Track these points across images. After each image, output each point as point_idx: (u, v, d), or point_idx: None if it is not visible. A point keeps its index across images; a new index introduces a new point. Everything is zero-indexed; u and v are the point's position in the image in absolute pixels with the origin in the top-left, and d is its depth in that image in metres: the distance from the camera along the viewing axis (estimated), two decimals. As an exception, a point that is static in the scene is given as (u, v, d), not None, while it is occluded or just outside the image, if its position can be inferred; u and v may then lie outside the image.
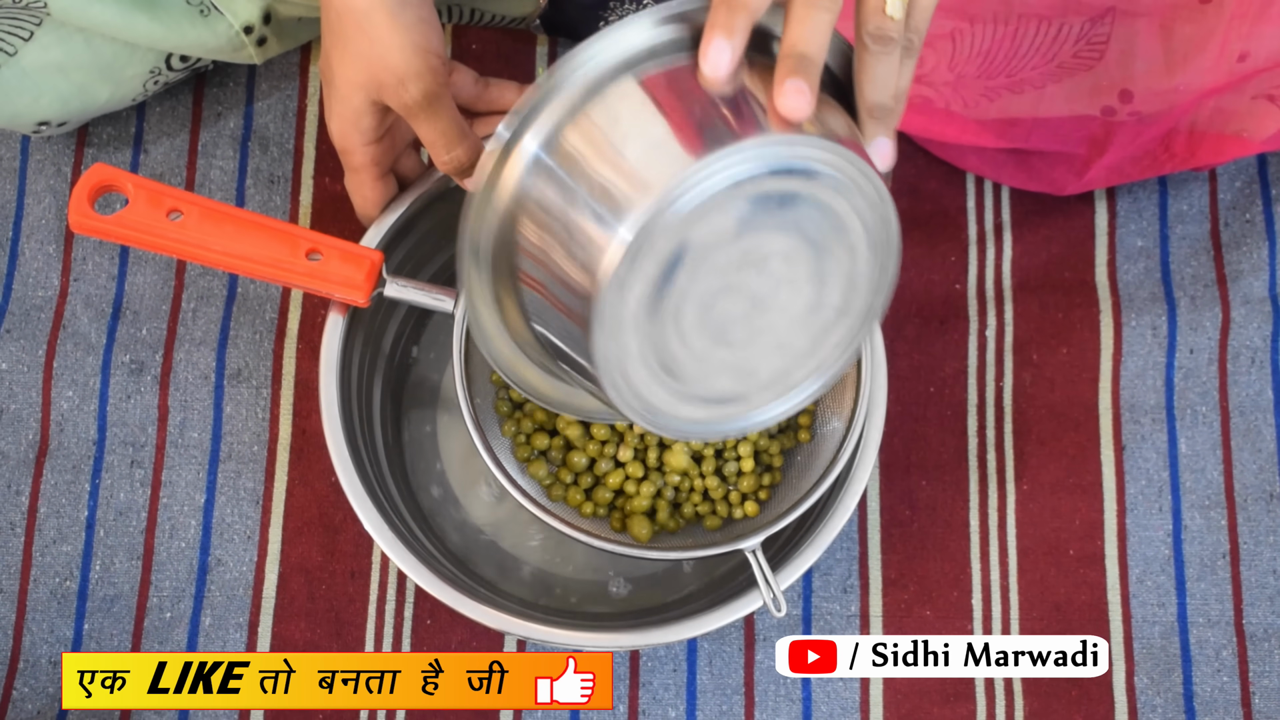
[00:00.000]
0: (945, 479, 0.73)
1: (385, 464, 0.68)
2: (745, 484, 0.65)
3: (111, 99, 0.70)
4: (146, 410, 0.73)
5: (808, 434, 0.66)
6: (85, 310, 0.74)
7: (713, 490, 0.65)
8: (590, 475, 0.65)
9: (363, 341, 0.66)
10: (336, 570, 0.71)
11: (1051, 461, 0.73)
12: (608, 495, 0.64)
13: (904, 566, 0.72)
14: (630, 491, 0.64)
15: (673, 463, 0.64)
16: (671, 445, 0.64)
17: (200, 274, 0.75)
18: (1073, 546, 0.72)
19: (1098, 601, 0.72)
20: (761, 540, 0.58)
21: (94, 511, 0.71)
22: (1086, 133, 0.70)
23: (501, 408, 0.65)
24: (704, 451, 0.64)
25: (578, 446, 0.64)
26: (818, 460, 0.63)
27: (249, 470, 0.72)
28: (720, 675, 0.71)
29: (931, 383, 0.75)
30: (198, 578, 0.71)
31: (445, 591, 0.59)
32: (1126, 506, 0.72)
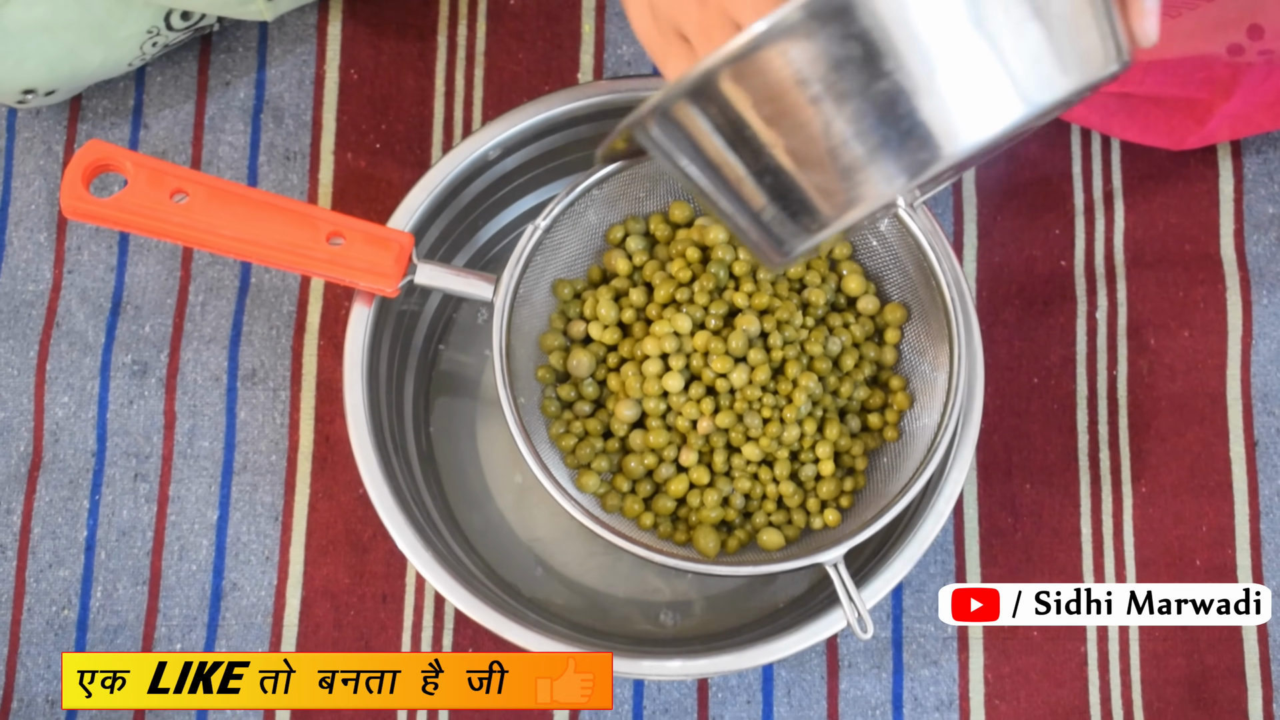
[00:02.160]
0: (1052, 482, 0.70)
1: (419, 473, 0.66)
2: (824, 489, 0.61)
3: (104, 63, 0.67)
4: (151, 417, 0.70)
5: (895, 431, 0.62)
6: (81, 306, 0.71)
7: (788, 497, 0.61)
8: (650, 483, 0.61)
9: (391, 336, 0.63)
10: (366, 593, 0.68)
11: (1173, 460, 0.70)
12: (669, 505, 0.61)
13: (1007, 581, 0.68)
14: (694, 501, 0.61)
15: (749, 454, 0.60)
16: (742, 445, 0.60)
17: (209, 263, 0.72)
18: (1199, 556, 0.69)
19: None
20: (844, 552, 0.56)
21: (94, 531, 0.69)
22: (1209, 74, 0.66)
23: (549, 408, 0.62)
24: (777, 454, 0.60)
25: (635, 450, 0.61)
26: (907, 462, 0.60)
27: (266, 483, 0.69)
28: (800, 707, 0.67)
29: (1035, 373, 0.71)
30: (211, 604, 0.68)
31: (488, 615, 0.57)
32: (1260, 510, 0.69)
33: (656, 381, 0.59)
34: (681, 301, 0.59)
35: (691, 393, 0.59)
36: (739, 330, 0.58)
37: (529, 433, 0.57)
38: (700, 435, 0.60)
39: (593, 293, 0.61)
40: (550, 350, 0.61)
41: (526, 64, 0.74)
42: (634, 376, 0.59)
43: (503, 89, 0.73)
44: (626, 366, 0.60)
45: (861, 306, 0.61)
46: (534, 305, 0.61)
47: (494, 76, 0.73)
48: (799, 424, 0.59)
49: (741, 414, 0.59)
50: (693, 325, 0.59)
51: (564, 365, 0.61)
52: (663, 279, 0.60)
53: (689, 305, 0.59)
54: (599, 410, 0.62)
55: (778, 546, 0.60)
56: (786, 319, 0.59)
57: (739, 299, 0.59)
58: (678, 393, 0.59)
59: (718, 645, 0.60)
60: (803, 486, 0.61)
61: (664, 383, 0.59)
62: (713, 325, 0.59)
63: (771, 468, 0.61)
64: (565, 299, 0.61)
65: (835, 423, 0.60)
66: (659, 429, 0.60)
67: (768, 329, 0.59)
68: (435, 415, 0.69)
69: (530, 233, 0.58)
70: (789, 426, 0.58)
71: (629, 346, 0.60)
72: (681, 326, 0.58)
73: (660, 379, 0.59)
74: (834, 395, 0.60)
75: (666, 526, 0.61)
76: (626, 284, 0.61)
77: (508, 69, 0.74)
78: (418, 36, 0.73)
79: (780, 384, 0.59)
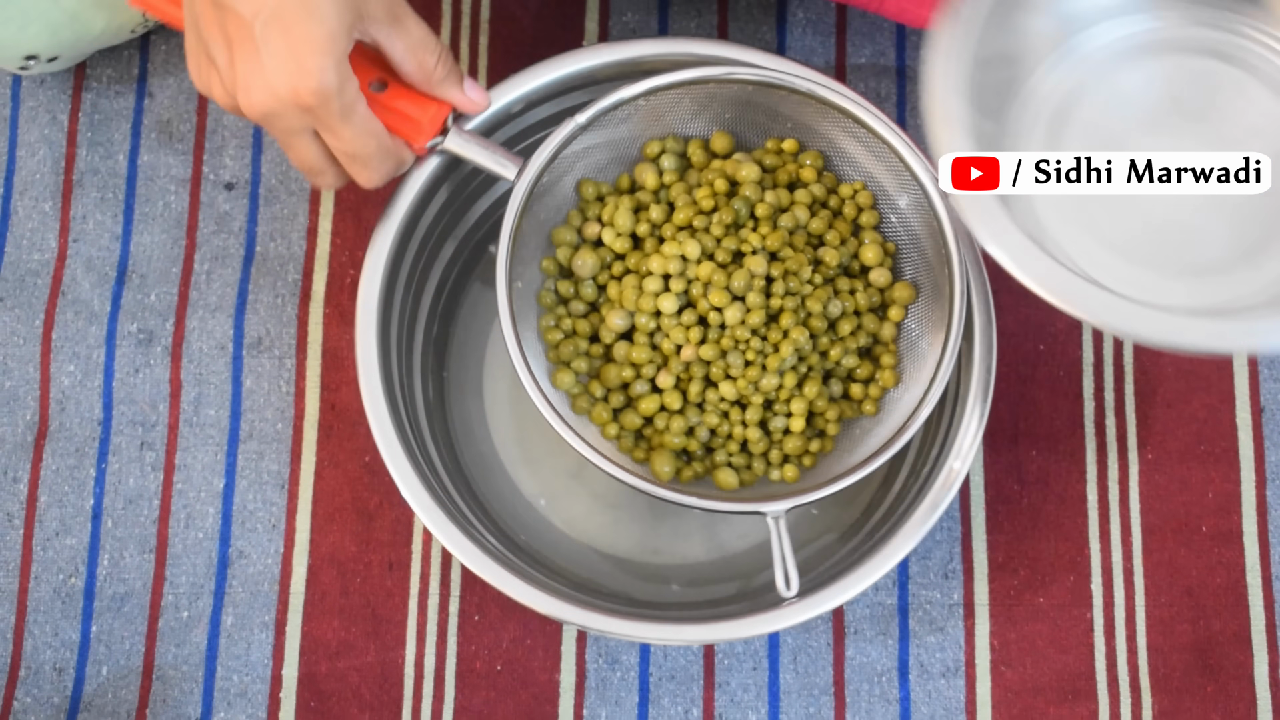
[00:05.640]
0: (1058, 448, 0.69)
1: (429, 436, 0.65)
2: (790, 444, 0.60)
3: (107, 29, 0.67)
4: (157, 385, 0.69)
5: (874, 406, 0.61)
6: (86, 275, 0.71)
7: (752, 443, 0.60)
8: (623, 395, 0.61)
9: (402, 294, 0.62)
10: (372, 561, 0.67)
11: (1180, 426, 0.69)
12: (636, 421, 0.60)
13: (1012, 548, 0.68)
14: (660, 424, 0.60)
15: (724, 392, 0.59)
16: (720, 382, 0.60)
17: (214, 231, 0.71)
18: (1206, 523, 0.68)
19: (1235, 584, 0.68)
20: (788, 508, 0.56)
21: (100, 500, 0.68)
22: None
23: (545, 298, 0.61)
24: (751, 398, 0.59)
25: (616, 360, 0.61)
26: (874, 437, 0.60)
27: (272, 451, 0.68)
28: (807, 673, 0.67)
29: (1041, 339, 0.70)
30: (218, 572, 0.67)
31: (499, 575, 0.57)
32: (1267, 476, 0.69)
33: (653, 299, 0.58)
34: (698, 228, 0.59)
35: (684, 318, 0.58)
36: (745, 269, 0.57)
37: (516, 319, 0.57)
38: (682, 361, 0.59)
39: (615, 199, 0.60)
40: (560, 245, 0.60)
41: (531, 30, 0.73)
42: (633, 289, 0.59)
43: (508, 54, 0.73)
44: (628, 278, 0.59)
45: (873, 277, 0.60)
46: (554, 199, 0.60)
47: (498, 42, 0.73)
48: (779, 374, 0.58)
49: (726, 351, 0.58)
50: (702, 253, 0.58)
51: (569, 262, 0.60)
52: (686, 202, 0.59)
53: (703, 234, 0.59)
54: (591, 313, 0.61)
55: (730, 488, 0.60)
56: (795, 270, 0.58)
57: (754, 239, 0.58)
58: (670, 314, 0.58)
59: (724, 612, 0.59)
60: (770, 436, 0.61)
61: (659, 301, 0.58)
62: (721, 258, 0.58)
63: (744, 410, 0.60)
64: (587, 199, 0.61)
65: (817, 382, 0.59)
66: (644, 345, 0.60)
67: (774, 275, 0.58)
68: (444, 379, 0.68)
69: (568, 126, 0.57)
70: (769, 374, 0.58)
71: (636, 259, 0.59)
72: (690, 252, 0.58)
73: (657, 297, 0.58)
74: (823, 356, 0.59)
75: (629, 441, 0.60)
76: (650, 199, 0.61)
77: (512, 35, 0.73)
78: (422, 4, 0.73)
79: (772, 332, 0.58)
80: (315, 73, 0.47)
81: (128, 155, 0.71)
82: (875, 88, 0.72)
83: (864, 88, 0.72)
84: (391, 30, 0.51)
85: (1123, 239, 0.55)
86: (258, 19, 0.46)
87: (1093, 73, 0.57)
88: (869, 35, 0.73)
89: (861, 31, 0.73)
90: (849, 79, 0.72)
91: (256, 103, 0.48)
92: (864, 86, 0.72)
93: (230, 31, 0.47)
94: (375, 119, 0.52)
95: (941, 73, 0.53)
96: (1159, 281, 0.54)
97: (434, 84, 0.54)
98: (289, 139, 0.51)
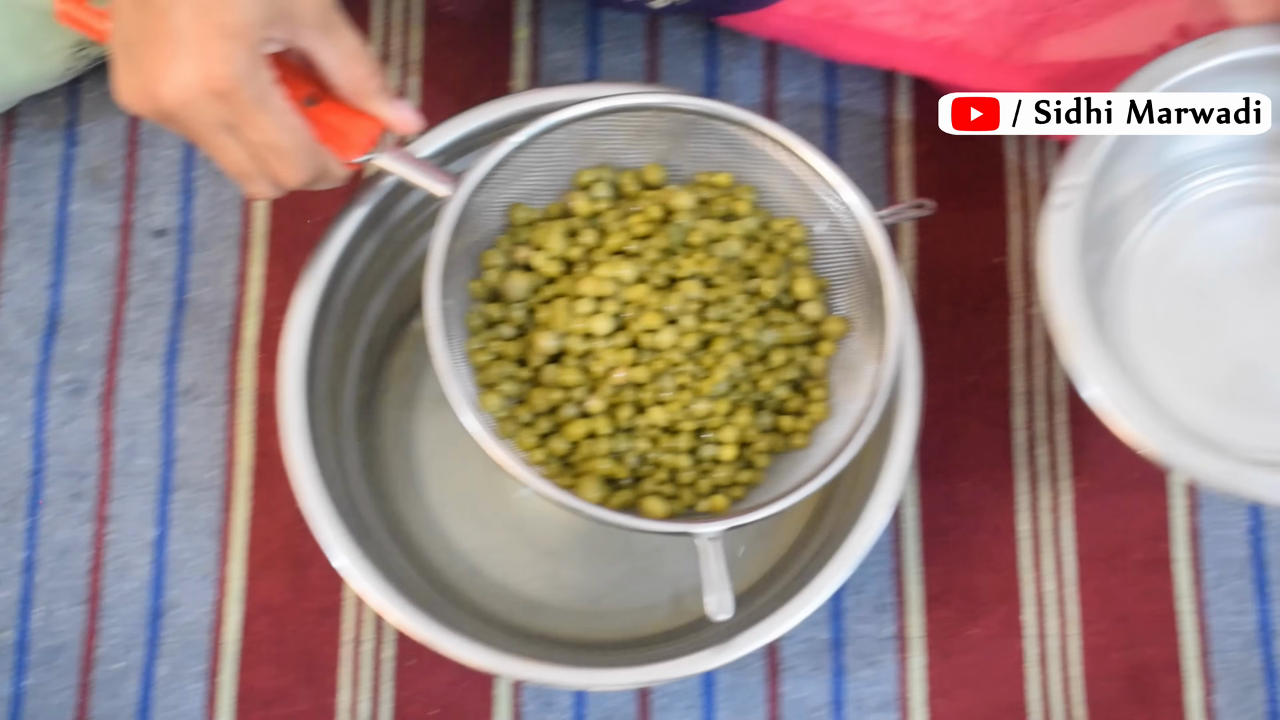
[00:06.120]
0: (991, 479, 0.69)
1: (358, 487, 0.64)
2: (720, 474, 0.60)
3: (31, 76, 0.67)
4: (88, 435, 0.69)
5: (804, 439, 0.60)
6: (17, 325, 0.71)
7: (682, 472, 0.59)
8: (551, 420, 0.60)
9: (333, 340, 0.63)
10: (306, 608, 0.67)
11: (1112, 454, 0.68)
12: (563, 447, 0.59)
13: (947, 580, 0.68)
14: (587, 450, 0.59)
15: (654, 417, 0.59)
16: (649, 407, 0.59)
17: (145, 279, 0.71)
18: (1138, 550, 0.69)
19: (1167, 612, 0.68)
20: (723, 529, 0.55)
21: (32, 551, 0.68)
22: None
23: (473, 321, 0.60)
24: (683, 425, 0.59)
25: (545, 383, 0.59)
26: (804, 468, 0.59)
27: (205, 499, 0.69)
28: (741, 711, 0.67)
29: (971, 371, 0.71)
30: (151, 623, 0.67)
31: (427, 626, 0.57)
32: (1198, 501, 0.69)
33: (584, 320, 0.57)
34: (631, 253, 0.59)
35: (616, 340, 0.58)
36: (679, 292, 0.57)
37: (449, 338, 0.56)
38: (612, 385, 0.58)
39: (547, 224, 0.60)
40: (489, 267, 0.60)
41: (463, 68, 0.73)
42: (564, 310, 0.58)
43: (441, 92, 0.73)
44: (559, 301, 0.58)
45: (805, 311, 0.60)
46: (484, 221, 0.60)
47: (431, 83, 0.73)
48: (712, 399, 0.58)
49: (658, 374, 0.58)
50: (635, 276, 0.58)
51: (500, 284, 0.60)
52: (620, 227, 0.59)
53: (638, 258, 0.58)
54: (520, 337, 0.60)
55: (658, 517, 0.59)
56: (729, 296, 0.58)
57: (688, 264, 0.58)
58: (602, 335, 0.57)
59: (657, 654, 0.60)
60: (699, 465, 0.60)
61: (591, 323, 0.57)
62: (655, 281, 0.58)
63: (674, 437, 0.59)
64: (518, 223, 0.60)
65: (748, 411, 0.58)
66: (574, 368, 0.59)
67: (710, 300, 0.58)
68: (374, 425, 0.68)
69: (503, 146, 0.57)
70: (701, 400, 0.58)
71: (568, 284, 0.59)
72: (624, 275, 0.57)
73: (589, 319, 0.57)
74: (754, 385, 0.60)
75: (555, 467, 0.59)
76: (582, 225, 0.60)
77: (444, 74, 0.73)
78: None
79: (705, 357, 0.58)
80: (224, 58, 0.47)
81: (57, 203, 0.71)
82: (804, 121, 0.72)
83: (792, 121, 0.72)
84: (323, 38, 0.51)
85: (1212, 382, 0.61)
86: (173, 7, 0.46)
87: (1195, 221, 0.63)
88: (798, 69, 0.73)
89: (791, 65, 0.73)
90: (779, 113, 0.72)
91: (170, 93, 0.47)
92: (793, 120, 0.72)
93: (147, 24, 0.47)
94: (295, 114, 0.51)
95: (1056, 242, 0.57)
96: (1249, 423, 0.61)
97: (365, 97, 0.54)
98: (211, 137, 0.50)
